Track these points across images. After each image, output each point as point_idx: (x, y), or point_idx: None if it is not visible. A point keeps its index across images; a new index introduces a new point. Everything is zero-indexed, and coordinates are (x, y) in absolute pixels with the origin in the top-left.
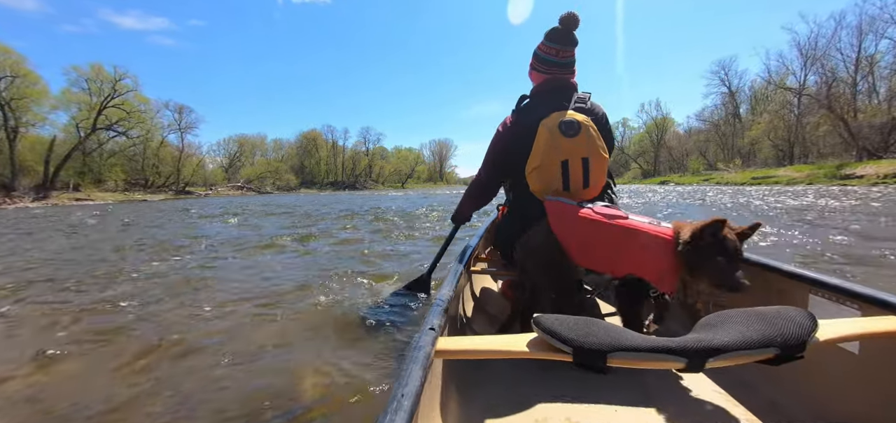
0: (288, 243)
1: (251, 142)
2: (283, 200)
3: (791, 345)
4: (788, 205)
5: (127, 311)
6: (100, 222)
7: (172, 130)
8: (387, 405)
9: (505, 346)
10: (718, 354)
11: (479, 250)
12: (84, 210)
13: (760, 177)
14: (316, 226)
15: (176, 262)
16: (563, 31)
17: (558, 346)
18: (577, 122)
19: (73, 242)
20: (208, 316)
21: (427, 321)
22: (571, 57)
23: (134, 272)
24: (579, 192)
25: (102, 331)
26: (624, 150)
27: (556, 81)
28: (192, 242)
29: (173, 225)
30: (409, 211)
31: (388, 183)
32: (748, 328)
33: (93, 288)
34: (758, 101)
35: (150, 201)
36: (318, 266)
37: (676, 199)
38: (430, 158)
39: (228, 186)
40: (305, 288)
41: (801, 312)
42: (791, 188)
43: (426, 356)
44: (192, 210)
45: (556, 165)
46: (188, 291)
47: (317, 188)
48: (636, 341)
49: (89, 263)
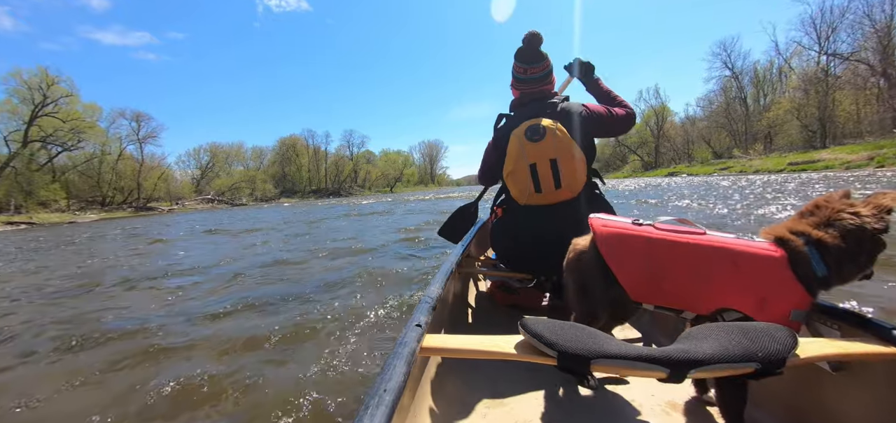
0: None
1: (225, 151)
2: (236, 218)
3: (771, 361)
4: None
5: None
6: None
7: (130, 141)
8: (368, 398)
9: (491, 346)
10: (700, 366)
11: (470, 250)
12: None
13: (801, 162)
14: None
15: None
16: (526, 50)
17: (543, 349)
18: (542, 126)
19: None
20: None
21: (413, 318)
22: (539, 72)
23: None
24: (552, 192)
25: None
26: (622, 141)
27: (530, 95)
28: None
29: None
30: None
31: (375, 188)
32: (730, 342)
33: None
34: (761, 82)
35: (79, 223)
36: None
37: (728, 194)
38: (420, 160)
39: (197, 200)
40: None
41: (782, 329)
42: (861, 173)
43: (411, 352)
44: (113, 235)
45: (525, 170)
46: None
47: (298, 197)
48: (620, 349)
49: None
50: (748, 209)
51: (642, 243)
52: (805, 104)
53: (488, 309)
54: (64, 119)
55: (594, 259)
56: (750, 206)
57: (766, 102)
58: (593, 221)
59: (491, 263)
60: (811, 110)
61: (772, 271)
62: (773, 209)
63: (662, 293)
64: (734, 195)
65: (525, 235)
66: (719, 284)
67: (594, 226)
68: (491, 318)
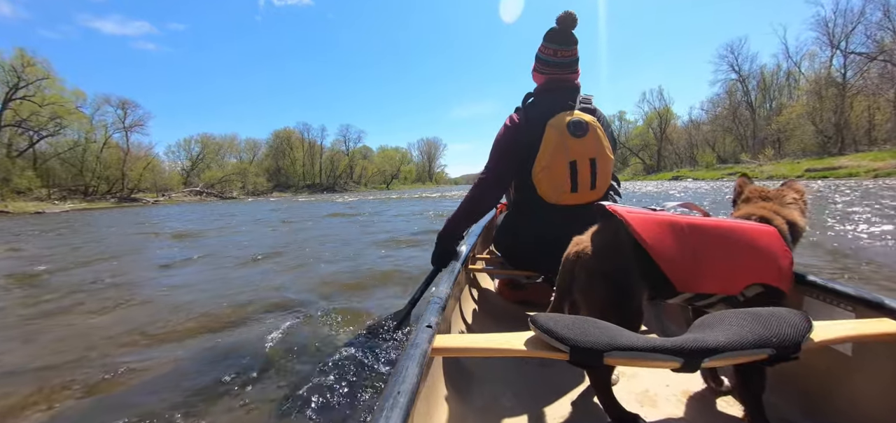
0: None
1: (217, 142)
2: (201, 213)
3: (786, 346)
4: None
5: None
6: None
7: (117, 129)
8: (382, 401)
9: (502, 344)
10: (714, 354)
11: (476, 248)
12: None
13: (819, 168)
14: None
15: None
16: (560, 31)
17: (555, 344)
18: (585, 122)
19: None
20: None
21: (424, 319)
22: (571, 56)
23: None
24: (587, 193)
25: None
26: (624, 144)
27: (558, 82)
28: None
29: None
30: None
31: (371, 184)
32: (743, 329)
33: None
34: (768, 86)
35: (47, 213)
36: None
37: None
38: (418, 157)
39: (185, 192)
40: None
41: (796, 313)
42: (894, 182)
43: (423, 353)
44: (74, 229)
45: (565, 166)
46: None
47: (291, 192)
48: (632, 340)
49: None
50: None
51: (678, 229)
52: (820, 108)
53: (496, 307)
54: (40, 103)
55: (630, 248)
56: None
57: (774, 107)
58: (617, 208)
59: (497, 260)
60: (827, 115)
61: (778, 244)
62: (830, 220)
63: (702, 278)
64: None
65: (550, 234)
66: (745, 261)
67: (620, 213)
68: (499, 316)
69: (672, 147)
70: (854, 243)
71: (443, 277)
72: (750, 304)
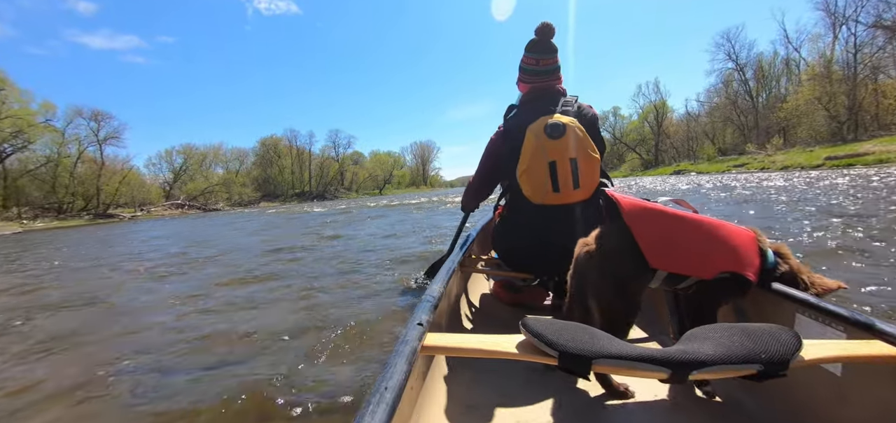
0: None
1: (201, 152)
2: (183, 228)
3: (774, 362)
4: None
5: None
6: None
7: (90, 142)
8: (369, 397)
9: (492, 345)
10: (702, 366)
11: (473, 249)
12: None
13: (841, 155)
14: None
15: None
16: (540, 41)
17: (544, 349)
18: (561, 124)
19: None
20: None
21: (415, 317)
22: (552, 64)
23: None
24: (570, 193)
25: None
26: (620, 139)
27: (541, 89)
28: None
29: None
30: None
31: (362, 190)
32: (733, 343)
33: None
34: (766, 75)
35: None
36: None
37: (796, 195)
38: (412, 161)
39: (165, 206)
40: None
41: (785, 330)
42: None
43: (412, 350)
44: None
45: (544, 167)
46: None
47: (280, 201)
48: (621, 349)
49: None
50: (856, 220)
51: (659, 216)
52: (831, 92)
53: (491, 308)
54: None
55: (621, 229)
56: (858, 213)
57: (773, 95)
58: (614, 194)
59: (494, 262)
60: (840, 99)
61: (752, 245)
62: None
63: (678, 260)
64: (808, 196)
65: (538, 234)
66: (720, 252)
67: (616, 198)
68: (494, 317)
69: (670, 141)
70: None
71: (438, 277)
72: (719, 287)
